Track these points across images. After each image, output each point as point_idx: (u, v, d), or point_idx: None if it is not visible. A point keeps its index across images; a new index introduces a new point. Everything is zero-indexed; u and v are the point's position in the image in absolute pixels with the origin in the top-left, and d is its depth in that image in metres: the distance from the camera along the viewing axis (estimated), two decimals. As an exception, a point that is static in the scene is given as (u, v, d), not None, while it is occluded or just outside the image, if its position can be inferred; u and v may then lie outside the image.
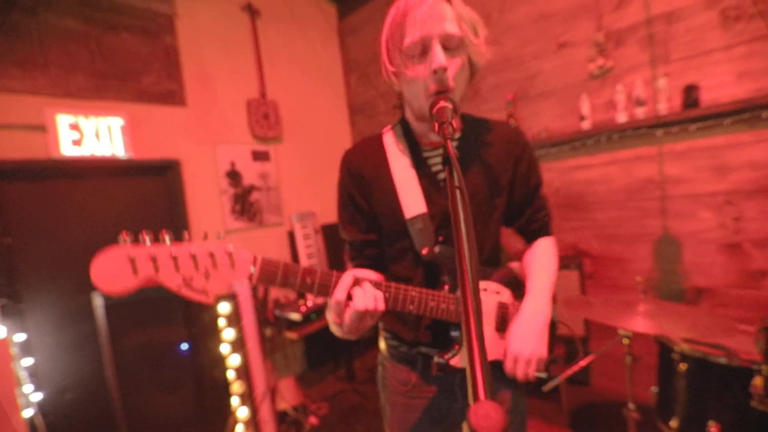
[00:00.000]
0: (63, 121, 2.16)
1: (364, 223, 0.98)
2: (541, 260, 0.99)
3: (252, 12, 3.01)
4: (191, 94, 2.67)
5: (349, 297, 0.75)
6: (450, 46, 0.78)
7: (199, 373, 1.44)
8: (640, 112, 2.07)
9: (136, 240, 0.65)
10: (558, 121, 2.44)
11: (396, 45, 0.82)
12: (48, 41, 2.13)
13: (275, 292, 2.98)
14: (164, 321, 1.43)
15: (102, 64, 2.31)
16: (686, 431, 1.45)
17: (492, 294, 0.95)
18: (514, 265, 1.04)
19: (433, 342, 0.93)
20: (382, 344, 1.08)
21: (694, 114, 1.91)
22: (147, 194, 2.52)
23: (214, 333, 1.50)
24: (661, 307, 1.45)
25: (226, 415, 1.50)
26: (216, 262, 0.67)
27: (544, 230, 1.04)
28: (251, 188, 2.94)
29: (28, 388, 2.04)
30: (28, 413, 2.00)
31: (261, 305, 2.87)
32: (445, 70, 0.77)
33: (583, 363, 1.52)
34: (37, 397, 2.06)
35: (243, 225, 2.88)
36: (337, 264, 3.27)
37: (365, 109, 3.66)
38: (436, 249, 0.89)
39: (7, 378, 1.62)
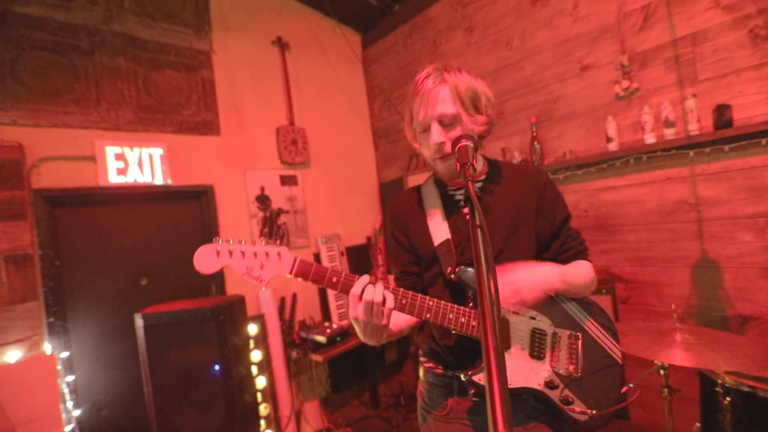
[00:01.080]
0: (110, 152, 2.34)
1: (406, 257, 1.12)
2: (572, 264, 1.04)
3: (281, 45, 3.19)
4: (225, 123, 2.83)
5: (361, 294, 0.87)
6: (445, 122, 0.95)
7: (229, 393, 1.48)
8: (670, 133, 2.03)
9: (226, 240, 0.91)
10: (583, 143, 2.42)
11: (410, 119, 1.03)
12: (101, 80, 2.34)
13: (301, 314, 3.02)
14: (199, 342, 1.48)
15: (147, 99, 2.51)
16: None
17: (526, 318, 0.96)
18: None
19: (468, 364, 0.95)
20: (421, 370, 1.13)
21: (728, 134, 1.86)
22: (183, 218, 2.66)
23: (245, 354, 1.55)
24: (701, 336, 1.38)
25: (256, 429, 1.53)
26: (269, 258, 0.90)
27: (581, 256, 1.07)
28: (279, 211, 3.04)
29: (69, 404, 2.15)
30: (68, 428, 2.09)
31: (287, 327, 2.91)
32: (441, 144, 0.95)
33: (625, 403, 1.44)
34: (77, 412, 2.16)
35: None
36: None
37: (389, 133, 3.75)
38: (459, 269, 0.96)
39: (52, 393, 1.72)
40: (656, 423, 2.19)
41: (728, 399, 1.37)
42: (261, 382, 2.39)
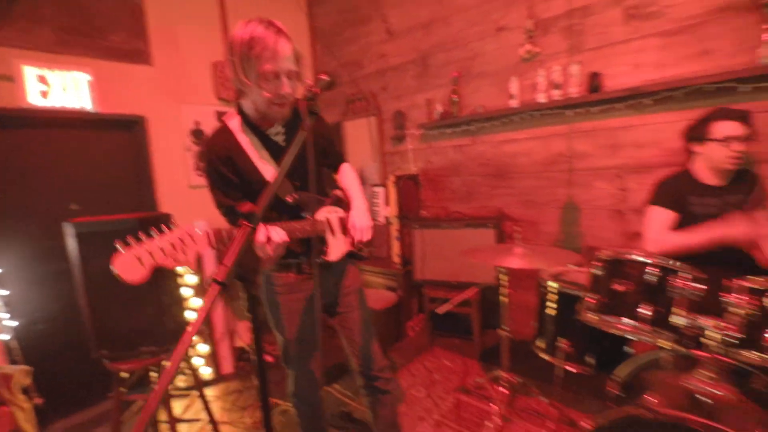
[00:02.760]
0: (30, 72, 2.30)
1: (236, 194, 1.29)
2: (350, 180, 1.56)
3: (219, -25, 3.11)
4: (158, 53, 2.81)
5: (269, 239, 1.12)
6: (291, 77, 1.20)
7: (158, 292, 1.72)
8: (556, 94, 2.38)
9: (137, 239, 0.91)
10: (493, 99, 2.73)
11: (252, 66, 1.15)
12: (15, -7, 2.23)
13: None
14: None
15: (69, 20, 2.43)
16: (548, 348, 1.85)
17: (334, 213, 1.43)
18: (337, 192, 1.54)
19: (304, 253, 1.38)
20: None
21: (596, 98, 2.24)
22: (114, 147, 2.71)
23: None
24: (533, 251, 1.82)
25: (182, 329, 1.80)
26: (185, 243, 0.95)
27: (341, 159, 1.62)
28: (216, 147, 3.14)
29: (3, 315, 2.30)
30: (4, 337, 2.26)
31: (218, 255, 3.14)
32: (288, 93, 1.20)
33: (468, 293, 1.89)
34: (12, 324, 2.31)
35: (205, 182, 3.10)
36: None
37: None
38: (297, 195, 1.32)
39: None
40: (522, 332, 2.76)
41: (553, 297, 1.84)
42: (196, 302, 2.65)
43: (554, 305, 1.81)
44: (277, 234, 1.14)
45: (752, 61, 1.84)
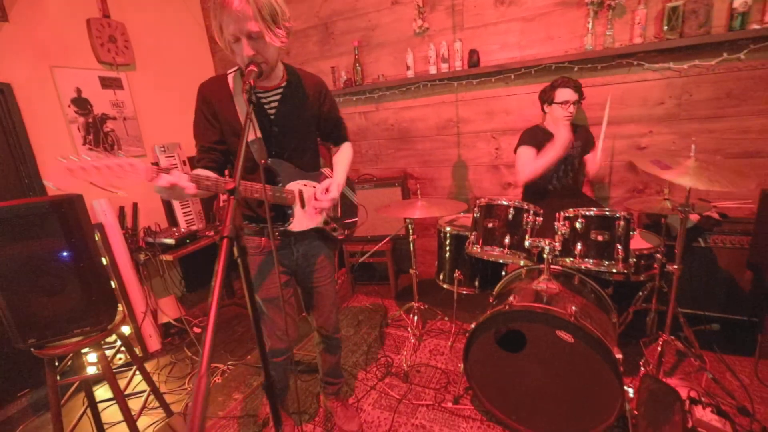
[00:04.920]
0: None
1: (214, 137, 1.36)
2: (341, 157, 1.62)
3: None
4: (13, 8, 2.40)
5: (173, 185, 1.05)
6: (253, 36, 1.15)
7: (82, 274, 1.70)
8: (444, 67, 2.76)
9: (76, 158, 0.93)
10: (392, 69, 3.02)
11: (221, 31, 1.17)
12: None
13: (145, 222, 3.12)
14: (43, 236, 1.59)
15: None
16: (446, 280, 2.35)
17: (311, 188, 1.49)
18: (326, 170, 1.60)
19: (274, 219, 1.46)
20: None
21: (474, 72, 2.67)
22: (-27, 121, 2.33)
23: (94, 242, 1.73)
24: (432, 203, 2.26)
25: (113, 306, 1.82)
26: (125, 170, 0.98)
27: (343, 138, 1.66)
28: (104, 117, 2.87)
29: None
30: None
31: (130, 235, 3.00)
32: (253, 55, 1.16)
33: (383, 245, 2.27)
34: None
35: (99, 155, 2.85)
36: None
37: (227, 39, 3.67)
38: (269, 161, 1.38)
39: None
40: (429, 273, 3.31)
41: (447, 240, 2.32)
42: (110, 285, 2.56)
43: (449, 245, 2.30)
44: (180, 178, 1.04)
45: (581, 46, 2.42)
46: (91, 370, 2.11)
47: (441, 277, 2.39)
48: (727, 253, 2.14)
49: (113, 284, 1.88)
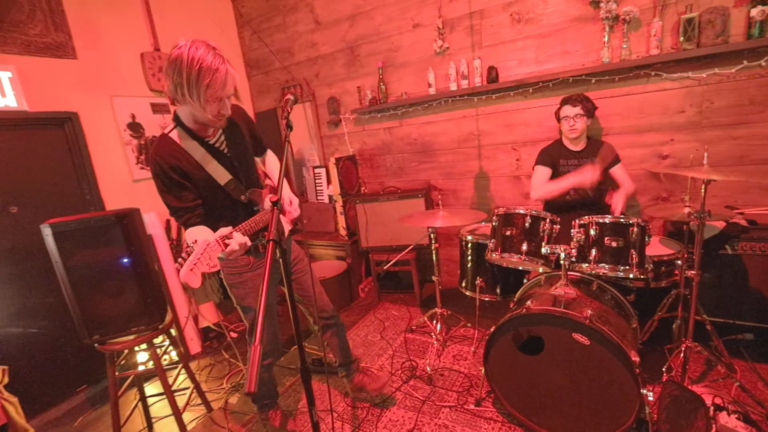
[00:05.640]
0: (-54, 73, 2.20)
1: (192, 194, 1.43)
2: (273, 165, 1.81)
3: (136, -39, 3.05)
4: (81, 45, 2.75)
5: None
6: (231, 96, 1.36)
7: (140, 278, 1.93)
8: (464, 84, 2.89)
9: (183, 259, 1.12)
10: (415, 87, 3.18)
11: (200, 91, 1.25)
12: None
13: (187, 233, 3.38)
14: (106, 243, 1.84)
15: (-19, 15, 2.31)
16: (469, 287, 2.44)
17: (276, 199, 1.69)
18: (268, 181, 1.81)
19: (258, 237, 1.57)
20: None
21: (493, 87, 2.79)
22: (47, 145, 2.66)
23: (150, 250, 1.96)
24: (453, 213, 2.36)
25: (163, 308, 2.04)
26: (210, 252, 1.15)
27: (264, 147, 1.82)
28: (154, 139, 3.19)
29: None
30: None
31: (175, 245, 3.27)
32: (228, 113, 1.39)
33: (407, 254, 2.39)
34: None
35: (149, 174, 3.16)
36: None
37: (260, 64, 3.98)
38: (248, 194, 1.55)
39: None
40: (452, 282, 3.39)
41: (469, 249, 2.41)
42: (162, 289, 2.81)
43: (470, 253, 2.39)
44: (243, 238, 1.26)
45: (598, 60, 2.49)
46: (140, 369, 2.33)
47: (463, 284, 2.47)
48: (758, 261, 2.11)
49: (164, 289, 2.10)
